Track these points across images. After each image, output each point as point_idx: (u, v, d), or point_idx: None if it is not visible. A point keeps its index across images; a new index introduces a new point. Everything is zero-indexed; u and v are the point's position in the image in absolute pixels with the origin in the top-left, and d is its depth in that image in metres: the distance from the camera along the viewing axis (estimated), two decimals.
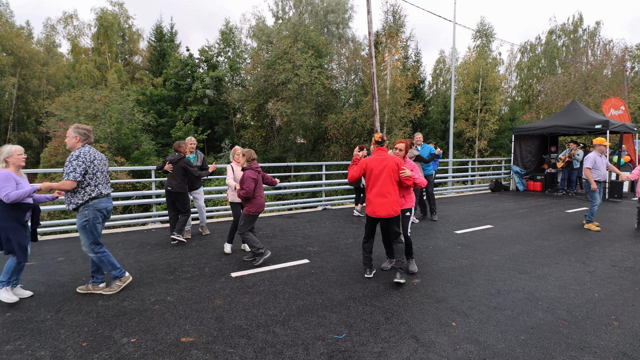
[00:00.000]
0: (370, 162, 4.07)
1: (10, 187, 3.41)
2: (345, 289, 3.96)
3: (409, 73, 23.84)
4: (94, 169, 3.67)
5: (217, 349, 2.80)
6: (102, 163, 3.78)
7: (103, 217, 3.77)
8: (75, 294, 3.81)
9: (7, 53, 27.64)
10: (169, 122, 22.43)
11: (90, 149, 3.72)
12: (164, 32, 28.56)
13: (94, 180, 3.66)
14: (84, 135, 3.69)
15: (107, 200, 3.79)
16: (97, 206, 3.68)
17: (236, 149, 5.37)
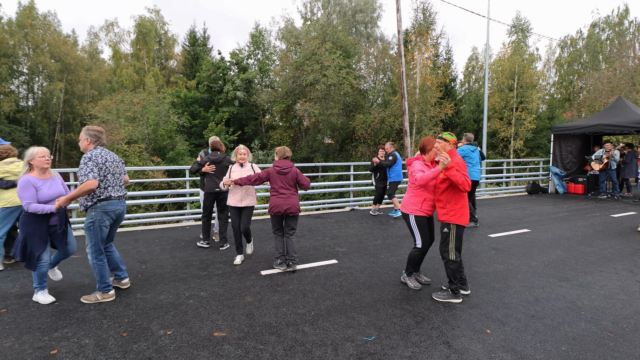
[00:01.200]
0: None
1: (29, 197, 3.43)
2: (374, 291, 3.92)
3: (440, 71, 23.29)
4: (105, 171, 3.58)
5: (248, 345, 2.87)
6: (114, 165, 3.68)
7: (111, 220, 3.67)
8: (115, 287, 4.01)
9: (55, 60, 29.66)
10: (201, 124, 23.19)
11: (102, 150, 3.65)
12: (197, 37, 29.58)
13: (103, 183, 3.57)
14: (95, 137, 3.63)
15: (118, 203, 3.70)
16: (105, 208, 3.58)
17: (239, 148, 4.96)
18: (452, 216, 3.58)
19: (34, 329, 3.10)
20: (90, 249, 3.59)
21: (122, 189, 3.81)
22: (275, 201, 4.47)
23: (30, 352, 2.75)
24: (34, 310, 3.44)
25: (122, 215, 3.83)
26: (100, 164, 3.53)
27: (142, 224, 8.34)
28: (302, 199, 14.71)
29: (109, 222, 3.66)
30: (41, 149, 3.64)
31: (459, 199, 3.59)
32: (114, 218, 3.71)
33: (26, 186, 3.44)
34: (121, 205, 3.78)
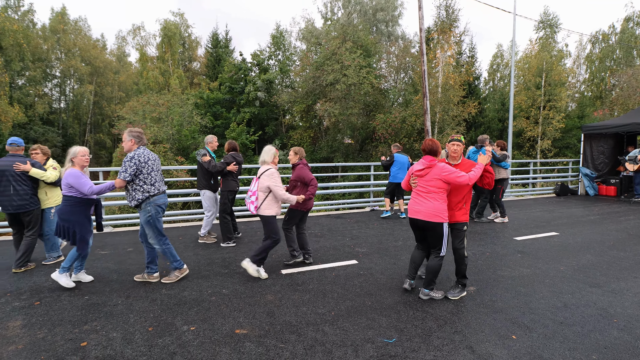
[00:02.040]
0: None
1: (89, 182, 3.82)
2: (395, 293, 3.88)
3: (463, 69, 22.78)
4: (149, 168, 3.90)
5: (269, 343, 2.89)
6: (156, 162, 4.03)
7: (162, 211, 4.05)
8: (142, 282, 4.15)
9: (86, 63, 30.95)
10: (223, 124, 23.61)
11: (145, 150, 3.95)
12: (219, 39, 30.14)
13: (150, 179, 3.90)
14: (138, 138, 3.91)
15: (164, 197, 4.07)
16: (157, 202, 3.95)
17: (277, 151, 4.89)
18: (465, 214, 3.75)
19: (65, 321, 3.25)
20: (155, 239, 4.00)
21: (164, 183, 4.13)
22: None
23: (62, 344, 2.88)
24: (65, 304, 3.60)
25: (166, 206, 4.15)
26: (143, 163, 3.84)
27: (167, 222, 8.57)
28: (322, 198, 14.73)
29: (162, 214, 4.04)
30: (83, 148, 3.96)
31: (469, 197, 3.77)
32: (164, 209, 4.05)
33: (79, 174, 3.81)
34: (166, 198, 4.11)
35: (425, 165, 3.60)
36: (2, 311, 3.44)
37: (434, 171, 3.56)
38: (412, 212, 3.68)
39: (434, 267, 3.62)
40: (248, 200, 4.34)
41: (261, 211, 4.29)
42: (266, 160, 4.36)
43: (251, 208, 4.30)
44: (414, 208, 3.65)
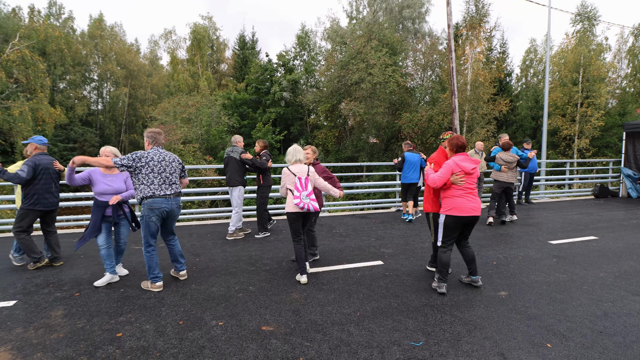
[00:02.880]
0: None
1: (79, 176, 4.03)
2: (422, 295, 3.81)
3: (494, 66, 22.00)
4: (147, 170, 3.72)
5: (295, 341, 2.92)
6: (161, 165, 3.79)
7: (158, 216, 3.79)
8: (173, 277, 4.29)
9: (121, 67, 32.41)
10: (249, 124, 24.05)
11: (155, 150, 3.85)
12: (246, 41, 30.71)
13: (147, 180, 3.72)
14: (152, 138, 3.89)
15: (163, 202, 3.78)
16: (150, 205, 3.73)
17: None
18: None
19: (102, 312, 3.41)
20: (142, 240, 3.90)
21: (172, 187, 3.87)
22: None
23: (99, 334, 3.03)
24: (102, 296, 3.79)
25: (172, 212, 3.90)
26: (143, 162, 3.70)
27: (196, 219, 8.82)
28: (347, 198, 14.68)
29: (156, 218, 3.78)
30: (106, 148, 4.13)
31: None
32: (160, 215, 3.80)
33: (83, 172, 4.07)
34: (167, 203, 3.81)
35: (476, 164, 3.80)
36: (45, 301, 3.66)
37: (477, 169, 3.82)
38: (469, 209, 3.69)
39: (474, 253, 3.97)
40: (305, 200, 4.03)
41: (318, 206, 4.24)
42: (301, 159, 4.23)
43: (316, 207, 4.07)
44: (471, 205, 3.71)
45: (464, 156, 3.79)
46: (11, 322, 3.22)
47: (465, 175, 3.71)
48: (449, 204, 3.74)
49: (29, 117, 18.17)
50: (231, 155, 6.04)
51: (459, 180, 3.69)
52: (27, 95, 19.11)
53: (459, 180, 3.69)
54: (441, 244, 3.83)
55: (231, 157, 6.03)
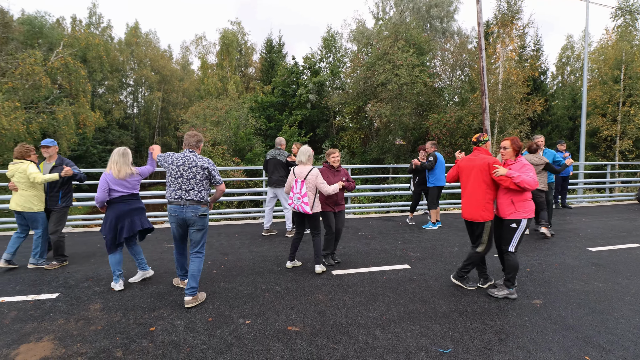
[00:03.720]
0: (462, 162, 4.01)
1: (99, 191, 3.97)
2: (451, 301, 3.71)
3: (527, 64, 21.17)
4: (168, 172, 3.62)
5: (320, 343, 2.93)
6: (178, 169, 3.53)
7: (176, 224, 3.62)
8: (204, 273, 4.41)
9: (155, 72, 33.83)
10: (276, 126, 24.39)
11: (183, 153, 3.64)
12: (273, 45, 31.22)
13: (167, 183, 3.65)
14: (185, 141, 3.70)
15: (177, 208, 3.54)
16: (168, 211, 3.65)
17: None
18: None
19: (136, 307, 3.57)
20: None
21: (189, 193, 3.53)
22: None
23: (134, 327, 3.17)
24: (136, 291, 3.96)
25: (189, 221, 3.58)
26: (167, 164, 3.61)
27: (224, 219, 9.04)
28: (372, 200, 14.55)
29: (174, 225, 3.64)
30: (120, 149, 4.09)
31: None
32: (177, 222, 3.61)
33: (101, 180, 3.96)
34: (182, 210, 3.54)
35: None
36: (85, 294, 3.88)
37: None
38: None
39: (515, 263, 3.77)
40: (297, 202, 4.30)
41: (314, 210, 4.40)
42: (303, 161, 4.45)
43: (306, 209, 4.28)
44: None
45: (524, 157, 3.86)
46: (54, 314, 3.44)
47: None
48: (528, 206, 3.69)
49: (71, 120, 19.31)
50: (277, 157, 6.31)
51: None
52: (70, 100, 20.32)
53: None
54: (515, 250, 3.73)
55: (277, 160, 6.29)
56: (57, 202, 4.78)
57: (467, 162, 3.92)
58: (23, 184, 4.56)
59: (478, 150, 3.94)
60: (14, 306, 3.59)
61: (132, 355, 2.76)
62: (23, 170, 4.54)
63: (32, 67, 17.02)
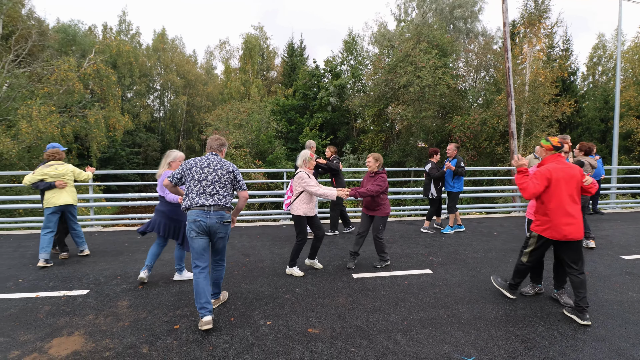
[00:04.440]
0: (555, 172, 3.33)
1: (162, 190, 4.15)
2: (474, 308, 3.62)
3: (555, 64, 20.43)
4: (189, 177, 3.30)
5: (340, 346, 2.92)
6: (202, 172, 3.28)
7: (196, 232, 3.22)
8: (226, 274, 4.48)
9: (180, 77, 34.84)
10: (297, 129, 24.60)
11: (207, 155, 3.43)
12: (294, 48, 31.55)
13: (187, 190, 3.31)
14: (209, 144, 3.53)
15: (200, 214, 3.20)
16: (188, 217, 3.25)
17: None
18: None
19: (162, 305, 3.68)
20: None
21: (213, 198, 3.26)
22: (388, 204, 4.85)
23: (159, 325, 3.27)
24: (162, 289, 4.08)
25: (212, 228, 3.24)
26: (186, 170, 3.32)
27: (246, 221, 9.17)
28: (393, 204, 14.41)
29: (195, 233, 3.23)
30: (181, 154, 4.22)
31: None
32: (199, 230, 3.22)
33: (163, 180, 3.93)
34: (205, 216, 3.21)
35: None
36: (113, 291, 4.03)
37: None
38: None
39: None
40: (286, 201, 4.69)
41: (294, 210, 4.46)
42: (298, 164, 4.61)
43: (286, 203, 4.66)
44: None
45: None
46: (84, 309, 3.59)
47: None
48: None
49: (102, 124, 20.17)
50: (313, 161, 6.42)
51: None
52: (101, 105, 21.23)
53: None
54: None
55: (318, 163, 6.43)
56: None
57: (561, 172, 3.33)
58: (70, 182, 5.14)
59: (560, 157, 3.44)
60: (48, 301, 3.78)
61: (158, 352, 2.85)
62: (72, 170, 5.21)
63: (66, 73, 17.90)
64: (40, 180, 4.90)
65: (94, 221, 7.75)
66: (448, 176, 6.76)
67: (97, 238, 6.50)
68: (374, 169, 4.79)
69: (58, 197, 4.97)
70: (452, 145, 6.81)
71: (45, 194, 4.97)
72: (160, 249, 4.35)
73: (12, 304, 3.71)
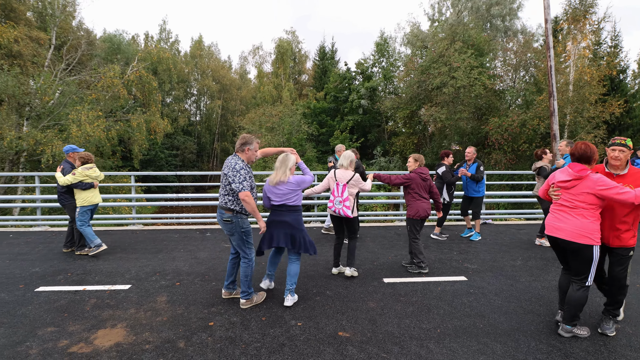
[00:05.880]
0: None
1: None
2: (513, 318, 3.46)
3: (603, 62, 19.10)
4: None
5: (371, 351, 2.89)
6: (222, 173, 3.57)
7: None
8: (258, 273, 4.59)
9: (216, 82, 36.06)
10: (328, 132, 24.67)
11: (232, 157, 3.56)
12: (326, 52, 31.74)
13: None
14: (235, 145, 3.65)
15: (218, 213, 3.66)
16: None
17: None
18: (634, 237, 3.02)
19: (197, 302, 3.81)
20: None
21: (224, 197, 3.52)
22: (422, 206, 4.71)
23: (195, 321, 3.39)
24: (198, 287, 4.23)
25: (221, 225, 3.60)
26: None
27: None
28: None
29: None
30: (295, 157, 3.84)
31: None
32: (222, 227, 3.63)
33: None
34: (218, 215, 3.62)
35: (573, 177, 2.98)
36: (153, 287, 4.23)
37: (584, 184, 2.93)
38: (551, 228, 3.15)
39: (578, 299, 3.05)
40: (338, 205, 4.32)
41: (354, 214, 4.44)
42: (344, 165, 4.44)
43: (347, 213, 4.28)
44: (554, 224, 3.12)
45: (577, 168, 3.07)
46: (126, 303, 3.79)
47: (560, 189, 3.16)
48: None
49: (143, 128, 21.24)
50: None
51: (554, 194, 3.17)
52: (143, 109, 22.39)
53: (554, 194, 3.17)
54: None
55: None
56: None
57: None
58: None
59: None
60: (94, 294, 4.03)
61: (194, 347, 2.96)
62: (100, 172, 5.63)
63: (112, 80, 19.05)
64: (80, 181, 5.33)
65: (135, 219, 8.17)
66: (471, 180, 6.42)
67: (139, 236, 6.86)
68: (413, 168, 4.87)
69: (95, 196, 5.52)
70: (472, 149, 6.49)
71: (82, 193, 5.38)
72: (280, 256, 4.17)
73: (62, 296, 3.99)
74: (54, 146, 14.92)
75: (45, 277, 4.55)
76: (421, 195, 4.72)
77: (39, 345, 2.98)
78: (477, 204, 6.52)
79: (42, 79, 16.16)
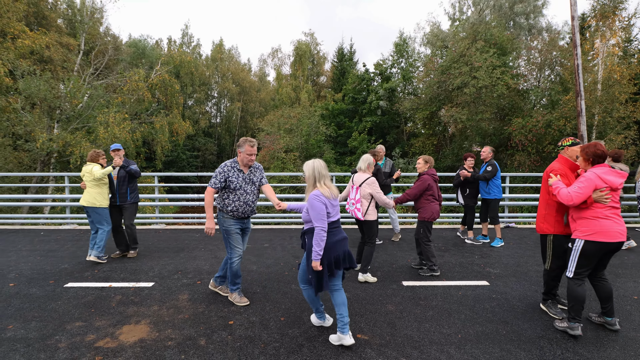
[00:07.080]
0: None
1: None
2: (537, 325, 3.35)
3: (634, 60, 18.25)
4: None
5: (390, 354, 2.86)
6: None
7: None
8: (276, 275, 4.63)
9: (236, 85, 36.63)
10: (346, 133, 24.64)
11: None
12: (344, 53, 31.73)
13: None
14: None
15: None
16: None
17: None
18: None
19: (217, 301, 3.88)
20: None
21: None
22: (436, 207, 4.69)
23: (215, 319, 3.45)
24: None
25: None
26: None
27: (294, 223, 9.36)
28: (445, 210, 13.83)
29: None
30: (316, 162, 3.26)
31: None
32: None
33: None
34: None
35: (624, 177, 3.11)
36: (175, 285, 4.33)
37: None
38: (616, 234, 3.02)
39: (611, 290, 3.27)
40: (351, 207, 4.49)
41: (367, 217, 4.42)
42: (362, 168, 4.45)
43: (357, 214, 4.38)
44: (617, 229, 3.04)
45: (606, 168, 3.09)
46: (150, 300, 3.90)
47: (610, 192, 3.05)
48: (591, 226, 3.05)
49: (166, 129, 21.85)
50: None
51: (604, 198, 3.02)
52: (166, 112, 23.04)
53: (604, 198, 3.02)
54: (573, 275, 3.15)
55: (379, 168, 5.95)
56: (126, 199, 5.43)
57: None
58: (89, 183, 5.18)
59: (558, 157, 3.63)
60: (119, 291, 4.17)
61: (214, 345, 3.01)
62: (89, 171, 5.16)
63: (137, 84, 19.70)
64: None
65: (158, 219, 8.39)
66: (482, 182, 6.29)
67: (162, 235, 7.04)
68: (423, 170, 4.81)
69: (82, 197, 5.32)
70: (487, 148, 6.33)
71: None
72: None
73: (89, 292, 4.15)
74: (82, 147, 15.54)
75: (73, 274, 4.74)
76: (435, 197, 4.71)
77: (68, 339, 3.11)
78: (493, 209, 6.29)
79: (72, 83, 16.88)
